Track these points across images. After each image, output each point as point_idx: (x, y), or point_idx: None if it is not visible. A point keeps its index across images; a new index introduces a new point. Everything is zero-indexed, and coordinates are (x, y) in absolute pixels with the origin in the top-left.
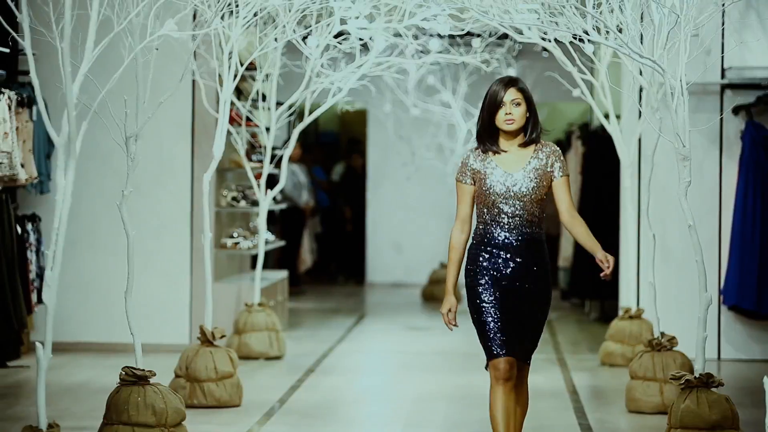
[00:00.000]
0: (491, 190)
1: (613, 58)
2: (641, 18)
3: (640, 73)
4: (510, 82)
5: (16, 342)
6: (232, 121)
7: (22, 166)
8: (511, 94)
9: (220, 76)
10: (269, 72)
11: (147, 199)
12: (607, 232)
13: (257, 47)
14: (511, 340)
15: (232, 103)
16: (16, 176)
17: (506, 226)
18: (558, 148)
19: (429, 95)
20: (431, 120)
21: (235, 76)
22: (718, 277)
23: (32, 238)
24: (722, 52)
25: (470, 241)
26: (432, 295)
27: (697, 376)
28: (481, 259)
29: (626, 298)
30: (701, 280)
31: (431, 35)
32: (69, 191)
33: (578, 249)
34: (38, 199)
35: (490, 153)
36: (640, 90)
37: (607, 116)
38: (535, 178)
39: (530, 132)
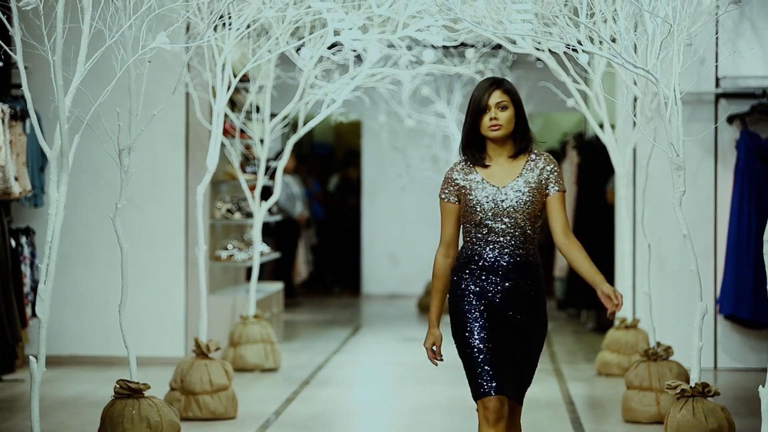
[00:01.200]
0: (478, 207)
1: (607, 68)
2: (635, 28)
3: (634, 83)
4: (494, 83)
5: (11, 355)
6: (225, 133)
7: (16, 179)
8: (496, 97)
9: (213, 88)
10: (263, 84)
11: (141, 211)
12: (602, 242)
13: (250, 59)
14: (502, 376)
15: (226, 115)
16: (9, 189)
17: (495, 247)
18: (554, 160)
19: (423, 106)
20: (426, 131)
21: (228, 87)
22: (714, 287)
23: (26, 251)
24: (716, 62)
25: (455, 263)
26: (428, 306)
27: (693, 385)
28: (466, 283)
29: (622, 308)
30: (697, 289)
31: (425, 46)
32: (62, 204)
33: None
34: (32, 212)
35: (476, 166)
36: (635, 100)
37: (601, 126)
38: (528, 191)
39: (519, 140)
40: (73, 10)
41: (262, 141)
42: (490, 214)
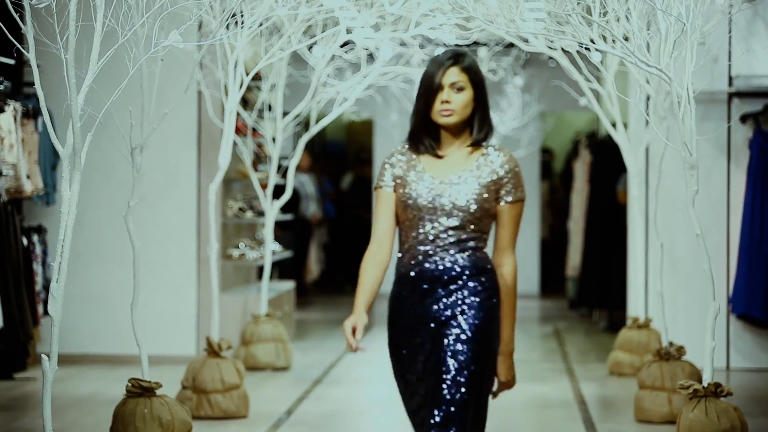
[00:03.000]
0: (414, 203)
1: (620, 67)
2: (647, 26)
3: (647, 82)
4: (452, 58)
5: (23, 354)
6: (237, 131)
7: (28, 177)
8: (451, 76)
9: (225, 86)
10: (275, 82)
11: (153, 210)
12: (615, 241)
13: (262, 57)
14: (447, 417)
15: (238, 114)
16: (21, 188)
17: (434, 252)
18: (516, 160)
19: None
20: None
21: (240, 86)
22: (727, 286)
23: (38, 249)
24: (729, 61)
25: (395, 277)
26: None
27: (706, 385)
28: (402, 299)
29: (634, 308)
30: (709, 288)
31: (437, 44)
32: (74, 203)
33: (586, 258)
34: (44, 210)
35: (423, 155)
36: (647, 98)
37: (614, 125)
38: (477, 188)
39: (477, 129)
40: (85, 8)
41: (274, 139)
42: (427, 211)
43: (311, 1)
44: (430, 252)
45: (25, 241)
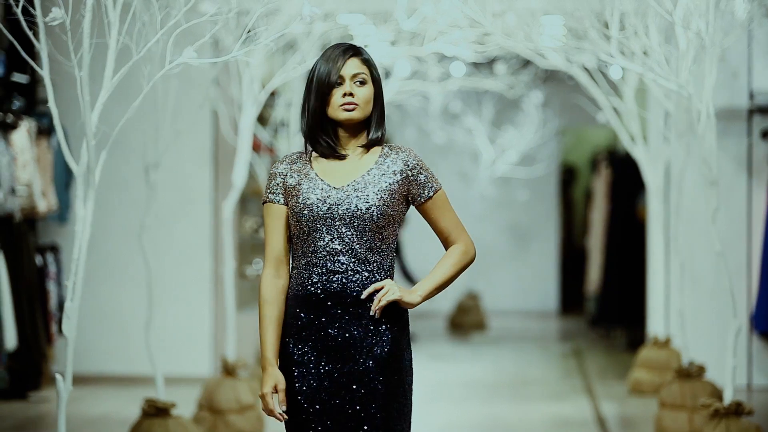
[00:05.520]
0: (305, 212)
1: (639, 84)
2: (665, 41)
3: (667, 97)
4: (351, 49)
5: (36, 373)
6: (253, 148)
7: (43, 195)
8: (353, 67)
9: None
10: (290, 98)
11: (167, 228)
12: (635, 259)
13: (277, 74)
14: None
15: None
16: (35, 206)
17: (327, 270)
18: (417, 155)
19: (453, 122)
20: (454, 146)
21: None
22: (748, 303)
23: (52, 268)
24: (749, 76)
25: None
26: (459, 323)
27: (727, 404)
28: (297, 322)
29: (654, 326)
30: (730, 306)
31: (455, 59)
32: (89, 221)
33: (606, 276)
34: (58, 229)
35: (317, 158)
36: (667, 114)
37: (633, 140)
38: (378, 193)
39: (375, 127)
40: (99, 26)
41: None
42: (321, 222)
43: (327, 18)
44: (324, 271)
45: (39, 259)
